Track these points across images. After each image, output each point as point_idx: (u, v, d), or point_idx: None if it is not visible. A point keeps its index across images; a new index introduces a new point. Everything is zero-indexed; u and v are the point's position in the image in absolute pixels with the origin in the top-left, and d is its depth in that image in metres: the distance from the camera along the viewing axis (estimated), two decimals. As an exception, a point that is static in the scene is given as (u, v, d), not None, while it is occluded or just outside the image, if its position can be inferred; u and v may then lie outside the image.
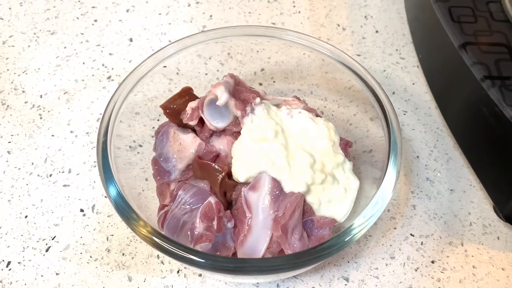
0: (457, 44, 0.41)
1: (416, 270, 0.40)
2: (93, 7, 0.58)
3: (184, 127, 0.40)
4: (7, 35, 0.55)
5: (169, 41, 0.55)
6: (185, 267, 0.40)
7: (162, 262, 0.40)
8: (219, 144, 0.38)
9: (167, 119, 0.41)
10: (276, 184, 0.35)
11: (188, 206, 0.35)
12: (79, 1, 0.59)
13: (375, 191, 0.33)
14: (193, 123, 0.38)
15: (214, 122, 0.38)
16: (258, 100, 0.37)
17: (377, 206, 0.33)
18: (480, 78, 0.39)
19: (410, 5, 0.56)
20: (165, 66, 0.47)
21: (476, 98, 0.40)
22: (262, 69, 0.53)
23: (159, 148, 0.39)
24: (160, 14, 0.58)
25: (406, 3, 0.58)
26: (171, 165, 0.38)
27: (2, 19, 0.57)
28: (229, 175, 0.37)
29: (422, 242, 0.41)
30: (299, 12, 0.59)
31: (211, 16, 0.59)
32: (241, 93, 0.38)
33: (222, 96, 0.36)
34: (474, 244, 0.41)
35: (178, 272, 0.40)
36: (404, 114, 0.50)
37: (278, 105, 0.41)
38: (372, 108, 0.44)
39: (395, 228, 0.42)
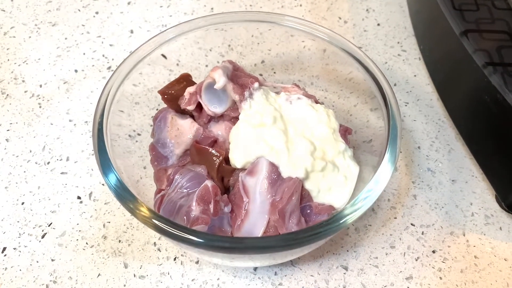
0: (458, 32, 0.40)
1: (416, 260, 0.39)
2: (95, -1, 0.59)
3: (182, 113, 0.39)
4: (9, 26, 0.55)
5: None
6: (182, 255, 0.39)
7: (158, 249, 0.40)
8: (217, 129, 0.38)
9: (165, 106, 0.40)
10: (274, 168, 0.35)
11: (185, 190, 0.35)
12: (80, -6, 0.59)
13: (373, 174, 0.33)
14: (191, 107, 0.38)
15: (212, 107, 0.37)
16: (256, 84, 0.37)
17: (377, 184, 0.32)
18: (482, 64, 0.38)
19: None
20: (165, 57, 0.47)
21: (478, 85, 0.39)
22: (263, 61, 0.53)
23: (157, 133, 0.39)
24: (161, 6, 0.58)
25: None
26: (169, 151, 0.38)
27: (4, 10, 0.57)
28: (227, 160, 0.37)
29: (422, 232, 0.41)
30: (301, 5, 0.59)
31: (212, 8, 0.58)
32: (239, 78, 0.38)
33: (220, 80, 0.35)
34: (476, 234, 0.41)
35: (174, 259, 0.39)
36: (406, 105, 0.49)
37: (277, 93, 0.40)
38: (372, 99, 0.44)
39: (395, 218, 0.42)
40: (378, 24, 0.57)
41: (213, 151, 0.36)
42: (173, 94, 0.39)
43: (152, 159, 0.39)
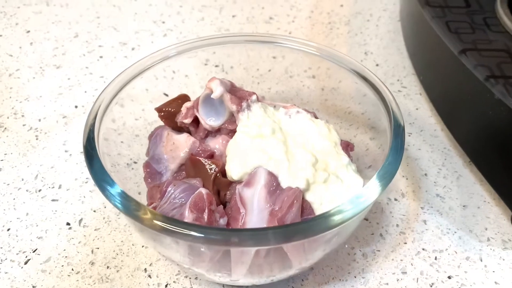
0: (456, 51, 0.40)
1: (431, 286, 0.36)
2: (100, 46, 0.60)
3: (179, 130, 0.39)
4: (14, 68, 0.57)
5: (173, 71, 0.56)
6: (174, 281, 0.36)
7: (149, 276, 0.36)
8: (214, 143, 0.37)
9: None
10: (273, 178, 0.33)
11: (177, 201, 0.33)
12: (86, 41, 0.61)
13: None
14: (187, 121, 0.37)
15: (208, 120, 0.36)
16: (254, 97, 0.37)
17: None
18: (484, 78, 0.38)
19: (407, 25, 0.57)
20: (166, 95, 0.47)
21: (481, 101, 0.39)
22: (263, 96, 0.53)
23: (152, 150, 0.38)
24: (164, 52, 0.60)
25: (403, 24, 0.59)
26: (163, 166, 0.37)
27: (12, 55, 0.58)
28: (224, 174, 0.35)
29: (436, 257, 0.38)
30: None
31: (214, 52, 0.60)
32: (237, 91, 0.37)
33: (217, 89, 0.35)
34: (495, 259, 0.37)
35: (166, 286, 0.36)
36: (409, 136, 0.48)
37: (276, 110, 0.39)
38: (371, 129, 0.43)
39: (405, 243, 0.39)
40: (377, 65, 0.58)
41: (209, 162, 0.34)
42: (170, 111, 0.38)
43: (145, 176, 0.37)
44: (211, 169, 0.34)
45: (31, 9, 0.66)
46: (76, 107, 0.51)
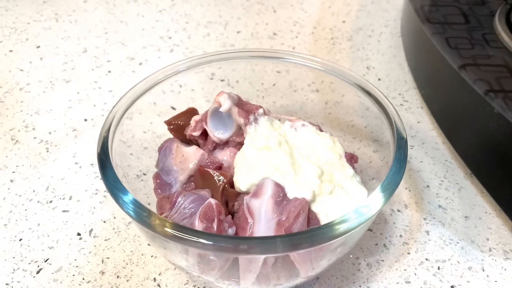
0: (456, 66, 0.42)
1: (434, 295, 0.36)
2: (108, 61, 0.62)
3: (188, 143, 0.40)
4: (25, 83, 0.58)
5: (180, 86, 0.57)
6: (183, 290, 0.37)
7: (158, 285, 0.37)
8: (222, 155, 0.38)
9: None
10: (280, 189, 0.34)
11: (187, 211, 0.34)
12: (95, 56, 0.62)
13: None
14: (196, 134, 0.38)
15: (217, 132, 0.38)
16: (261, 110, 0.38)
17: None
18: (483, 92, 0.39)
19: (408, 41, 0.58)
20: (174, 108, 0.48)
21: (482, 115, 0.40)
22: (268, 110, 0.54)
23: (161, 162, 0.39)
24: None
25: (404, 39, 0.60)
26: (173, 178, 0.38)
27: (22, 70, 0.60)
28: (232, 185, 0.36)
29: (439, 267, 0.38)
30: (304, 64, 0.62)
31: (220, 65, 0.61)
32: (244, 105, 0.38)
33: (225, 103, 0.36)
34: (497, 269, 0.38)
35: (175, 295, 0.37)
36: (411, 148, 0.49)
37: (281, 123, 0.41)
38: (374, 142, 0.44)
39: (408, 253, 0.39)
40: (379, 79, 0.59)
41: (217, 174, 0.35)
42: (179, 124, 0.40)
43: (155, 187, 0.38)
44: (219, 180, 0.35)
45: (41, 25, 0.68)
46: (85, 120, 0.53)
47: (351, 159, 0.38)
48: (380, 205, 0.30)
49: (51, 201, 0.44)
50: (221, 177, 0.35)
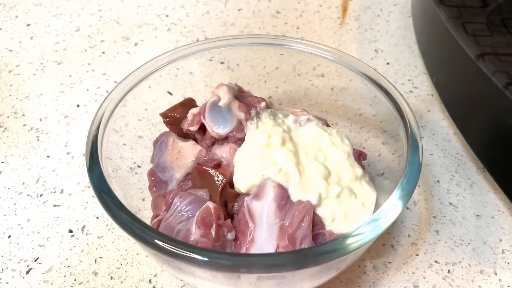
0: (474, 55, 0.39)
1: (444, 301, 0.35)
2: (102, 40, 0.58)
3: (185, 137, 0.37)
4: (14, 64, 0.55)
5: (177, 69, 0.54)
6: (179, 293, 0.35)
7: (154, 287, 0.36)
8: (221, 152, 0.35)
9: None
10: (283, 191, 0.32)
11: (184, 214, 0.32)
12: (88, 36, 0.59)
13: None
14: (193, 128, 0.35)
15: (216, 127, 0.35)
16: (263, 104, 0.35)
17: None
18: (503, 85, 0.36)
19: (419, 22, 0.55)
20: (170, 93, 0.46)
21: (499, 109, 0.37)
22: (270, 97, 0.51)
23: (157, 157, 0.36)
24: (168, 47, 0.58)
25: (414, 20, 0.57)
26: (169, 175, 0.35)
27: (11, 50, 0.57)
28: (231, 184, 0.34)
29: (449, 270, 0.36)
30: (308, 46, 0.59)
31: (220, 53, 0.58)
32: (245, 98, 0.36)
33: (225, 96, 0.33)
34: (509, 273, 0.36)
35: (171, 298, 0.35)
36: (421, 139, 0.47)
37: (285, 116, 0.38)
38: (383, 133, 0.42)
39: (417, 255, 0.38)
40: (388, 63, 0.56)
41: (216, 173, 0.33)
42: (176, 117, 0.37)
43: (150, 185, 0.36)
44: (218, 180, 0.33)
45: (31, 0, 0.64)
46: (78, 106, 0.50)
47: (359, 156, 0.36)
48: (394, 216, 0.28)
49: (41, 195, 0.42)
50: (220, 177, 0.33)
